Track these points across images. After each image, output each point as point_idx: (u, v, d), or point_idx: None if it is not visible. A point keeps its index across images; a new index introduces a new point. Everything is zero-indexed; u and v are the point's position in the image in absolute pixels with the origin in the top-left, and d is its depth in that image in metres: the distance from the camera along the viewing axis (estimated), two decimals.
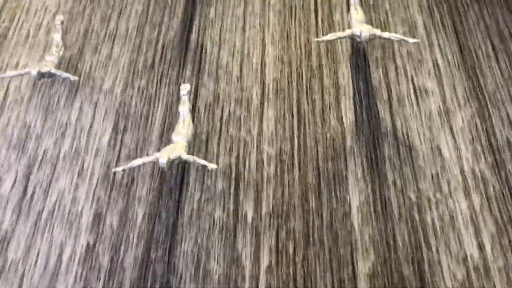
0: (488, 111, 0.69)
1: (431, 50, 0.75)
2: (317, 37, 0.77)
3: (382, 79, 0.72)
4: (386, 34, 0.70)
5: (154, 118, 0.71)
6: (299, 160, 0.65)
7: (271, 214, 0.61)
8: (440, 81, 0.72)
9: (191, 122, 0.66)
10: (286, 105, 0.71)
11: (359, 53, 0.75)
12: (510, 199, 0.61)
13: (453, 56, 0.75)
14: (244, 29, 0.80)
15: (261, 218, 0.61)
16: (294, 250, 0.59)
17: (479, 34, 0.77)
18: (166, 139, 0.68)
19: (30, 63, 0.77)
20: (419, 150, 0.65)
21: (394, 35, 0.70)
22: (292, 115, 0.69)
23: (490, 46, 0.75)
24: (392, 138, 0.66)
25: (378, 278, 0.56)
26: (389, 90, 0.71)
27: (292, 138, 0.67)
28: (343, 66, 0.74)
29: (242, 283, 0.57)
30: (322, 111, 0.70)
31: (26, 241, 0.61)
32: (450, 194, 0.62)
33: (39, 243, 0.60)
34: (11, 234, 0.61)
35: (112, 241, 0.60)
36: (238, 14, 0.82)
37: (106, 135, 0.70)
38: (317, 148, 0.66)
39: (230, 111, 0.71)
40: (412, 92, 0.71)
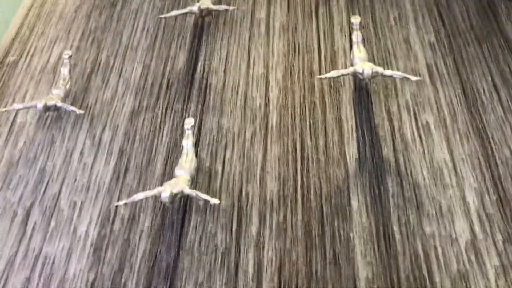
0: (491, 149, 0.69)
1: (434, 87, 0.76)
2: (320, 74, 0.78)
3: (385, 116, 0.73)
4: (388, 72, 0.71)
5: (158, 152, 0.71)
6: (302, 196, 0.65)
7: (274, 250, 0.60)
8: (443, 117, 0.72)
9: (195, 156, 0.66)
10: (289, 141, 0.71)
11: (362, 90, 0.76)
12: None
13: (455, 93, 0.75)
14: (248, 65, 0.82)
15: (263, 254, 0.60)
16: (296, 287, 0.57)
17: (481, 72, 0.78)
18: (169, 173, 0.68)
19: (37, 96, 0.78)
20: (423, 187, 0.65)
21: (396, 73, 0.71)
22: (295, 151, 0.70)
23: (491, 83, 0.76)
24: (395, 175, 0.66)
25: None
26: (392, 126, 0.71)
27: (295, 174, 0.67)
28: (346, 102, 0.75)
29: None
30: (326, 147, 0.70)
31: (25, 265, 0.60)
32: (454, 232, 0.61)
33: (39, 269, 0.59)
34: (14, 257, 0.61)
35: (111, 276, 0.59)
36: (243, 50, 0.84)
37: (109, 168, 0.70)
38: (320, 184, 0.66)
39: (233, 146, 0.71)
40: (415, 128, 0.71)
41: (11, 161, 0.71)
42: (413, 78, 0.70)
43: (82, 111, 0.74)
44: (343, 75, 0.73)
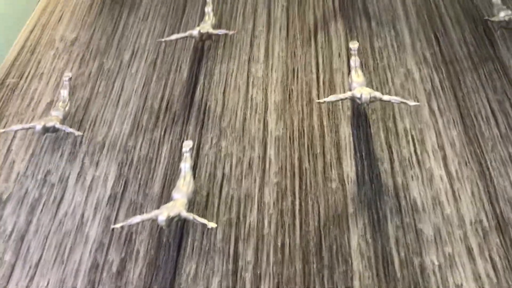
0: (489, 174, 0.69)
1: (432, 113, 0.77)
2: (318, 98, 0.79)
3: (383, 140, 0.73)
4: (386, 97, 0.72)
5: (156, 174, 0.71)
6: (301, 220, 0.64)
7: (271, 275, 0.60)
8: (441, 142, 0.73)
9: (192, 179, 0.66)
10: (287, 164, 0.71)
11: (360, 114, 0.76)
12: None
13: (453, 119, 0.76)
14: (247, 89, 0.82)
15: (260, 279, 0.59)
16: None
17: (478, 97, 0.78)
18: (166, 196, 0.68)
19: (36, 118, 0.79)
20: (421, 212, 0.65)
21: (394, 98, 0.72)
22: (293, 175, 0.69)
23: (489, 108, 0.77)
24: (394, 200, 0.66)
25: None
26: (390, 151, 0.72)
27: (293, 198, 0.67)
28: (344, 126, 0.75)
29: None
30: (324, 171, 0.70)
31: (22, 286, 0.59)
32: (453, 258, 0.60)
33: None
34: (9, 275, 0.60)
35: None
36: (242, 74, 0.84)
37: (106, 190, 0.69)
38: (318, 208, 0.65)
39: (231, 169, 0.71)
40: (413, 153, 0.71)
41: (7, 180, 0.71)
42: (411, 103, 0.71)
43: (80, 133, 0.74)
44: (342, 100, 0.74)
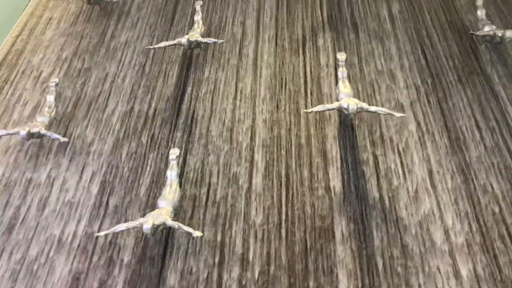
0: (474, 185, 0.69)
1: (417, 124, 0.77)
2: (306, 108, 0.79)
3: (369, 151, 0.73)
4: (373, 108, 0.72)
5: (141, 182, 0.70)
6: (287, 230, 0.64)
7: (257, 285, 0.59)
8: (426, 154, 0.73)
9: (179, 187, 0.65)
10: (274, 174, 0.71)
11: (347, 124, 0.77)
12: (499, 276, 0.60)
13: (438, 130, 0.76)
14: (235, 97, 0.82)
15: None
16: None
17: (463, 110, 0.79)
18: (152, 204, 0.67)
19: (21, 123, 0.78)
20: (407, 223, 0.65)
21: (380, 109, 0.72)
22: (280, 184, 0.69)
23: (474, 121, 0.78)
24: (379, 211, 0.66)
25: None
26: (376, 161, 0.72)
27: (280, 208, 0.67)
28: (331, 136, 0.75)
29: None
30: (310, 181, 0.70)
31: None
32: (438, 269, 0.61)
33: None
34: None
35: None
36: (230, 82, 0.84)
37: (91, 198, 0.69)
38: (304, 218, 0.65)
39: (218, 178, 0.71)
40: (399, 164, 0.72)
41: None
42: (397, 114, 0.71)
43: (66, 139, 0.73)
44: (329, 110, 0.74)
